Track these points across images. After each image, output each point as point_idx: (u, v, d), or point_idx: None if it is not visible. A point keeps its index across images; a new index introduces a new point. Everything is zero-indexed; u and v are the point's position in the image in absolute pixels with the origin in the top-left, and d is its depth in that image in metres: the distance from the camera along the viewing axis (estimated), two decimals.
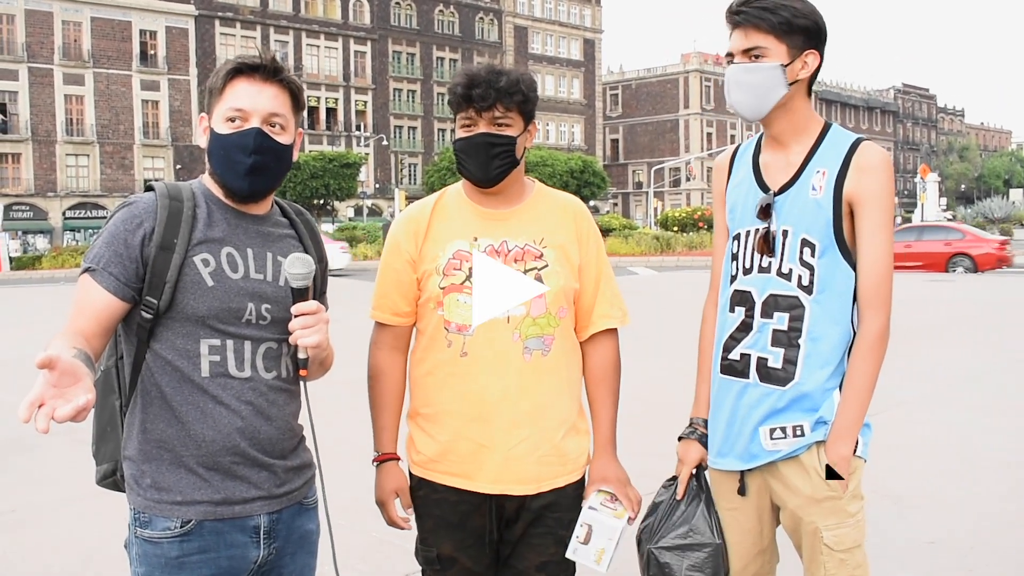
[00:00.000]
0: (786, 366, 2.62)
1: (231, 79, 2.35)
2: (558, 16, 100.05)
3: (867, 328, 2.59)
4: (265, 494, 2.37)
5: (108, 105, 70.54)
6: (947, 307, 18.06)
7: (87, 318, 2.21)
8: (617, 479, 2.85)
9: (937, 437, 7.65)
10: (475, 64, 2.85)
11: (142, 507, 2.30)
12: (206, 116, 2.39)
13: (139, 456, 2.32)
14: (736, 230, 2.77)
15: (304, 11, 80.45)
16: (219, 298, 2.30)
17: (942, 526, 5.57)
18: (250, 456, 2.34)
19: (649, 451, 2.82)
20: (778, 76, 2.60)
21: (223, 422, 2.30)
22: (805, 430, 2.61)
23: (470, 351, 2.71)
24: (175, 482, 2.29)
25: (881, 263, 2.58)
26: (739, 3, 2.63)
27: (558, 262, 2.76)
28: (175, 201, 2.31)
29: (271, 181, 2.40)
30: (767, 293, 2.66)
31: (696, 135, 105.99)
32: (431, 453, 2.78)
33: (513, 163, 2.73)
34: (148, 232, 2.26)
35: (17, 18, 67.05)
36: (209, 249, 2.31)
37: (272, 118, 2.35)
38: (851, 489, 2.60)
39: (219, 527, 2.30)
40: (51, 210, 68.00)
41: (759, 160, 2.76)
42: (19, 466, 7.39)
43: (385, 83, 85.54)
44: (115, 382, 2.39)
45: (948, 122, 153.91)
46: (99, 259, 2.25)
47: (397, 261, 2.81)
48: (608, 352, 2.90)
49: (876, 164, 2.59)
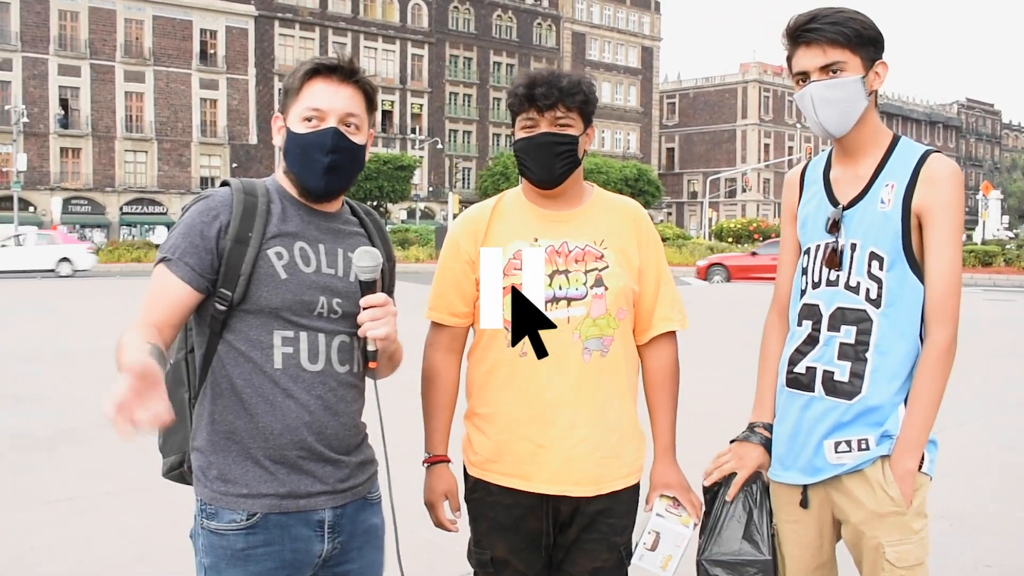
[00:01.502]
0: (853, 380, 2.60)
1: (308, 79, 2.39)
2: (616, 23, 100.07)
3: (933, 342, 2.56)
4: (330, 489, 2.40)
5: (167, 103, 71.69)
6: (1010, 327, 17.75)
7: (162, 308, 2.26)
8: (680, 484, 2.84)
9: (998, 458, 7.52)
10: (533, 69, 2.85)
11: (209, 499, 2.33)
12: (281, 116, 2.44)
13: (207, 447, 2.35)
14: (807, 244, 2.75)
15: (363, 13, 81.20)
16: (292, 290, 2.33)
17: (1000, 550, 5.44)
18: (316, 451, 2.37)
19: (697, 461, 2.80)
20: (859, 89, 2.59)
21: (291, 415, 2.33)
22: (870, 444, 2.58)
23: (530, 351, 2.70)
24: (241, 474, 2.32)
25: (949, 276, 2.54)
26: (805, 21, 2.62)
27: (618, 263, 2.75)
28: (250, 196, 2.36)
29: (346, 180, 2.45)
30: (835, 306, 2.64)
31: (753, 146, 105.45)
32: (488, 453, 2.78)
33: (575, 163, 2.73)
34: (224, 225, 2.31)
35: (81, 15, 68.38)
36: (282, 243, 2.36)
37: (348, 118, 2.40)
38: (915, 505, 2.56)
39: (284, 520, 2.33)
40: (108, 205, 69.20)
41: (830, 175, 2.75)
42: (73, 457, 7.48)
43: (441, 87, 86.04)
44: (184, 375, 2.43)
45: (1012, 138, 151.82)
46: (175, 249, 2.29)
47: (456, 262, 2.81)
48: (668, 356, 2.87)
49: (945, 176, 2.57)
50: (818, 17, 2.60)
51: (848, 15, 2.59)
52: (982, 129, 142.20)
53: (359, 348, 2.45)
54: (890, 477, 2.56)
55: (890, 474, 2.56)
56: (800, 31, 2.62)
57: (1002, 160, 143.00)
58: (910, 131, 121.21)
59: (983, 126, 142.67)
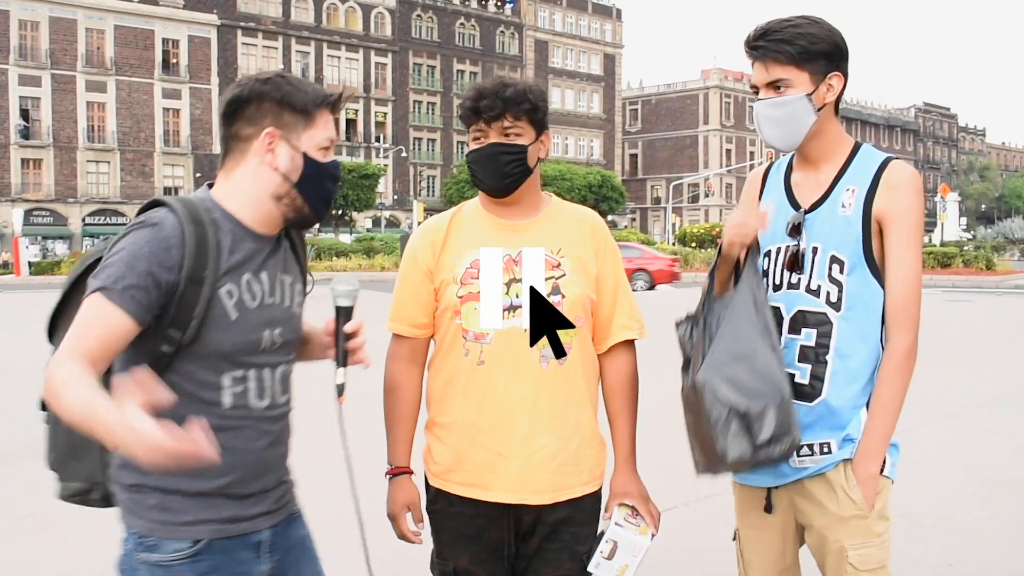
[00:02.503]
0: (813, 382, 2.62)
1: (322, 108, 2.32)
2: (579, 31, 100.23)
3: (894, 347, 2.58)
4: (266, 509, 2.36)
5: (129, 113, 71.06)
6: (969, 328, 17.95)
7: (99, 341, 2.06)
8: (639, 494, 2.85)
9: (958, 459, 7.60)
10: (493, 78, 2.89)
11: (147, 530, 2.21)
12: (279, 133, 2.27)
13: (139, 480, 2.21)
14: (767, 247, 2.76)
15: (326, 22, 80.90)
16: (241, 331, 2.25)
17: (961, 549, 5.51)
18: (260, 483, 2.34)
19: (667, 468, 2.80)
20: (805, 105, 2.61)
21: (240, 454, 2.27)
22: (832, 447, 2.60)
23: (487, 359, 2.71)
24: (182, 502, 2.22)
25: (909, 281, 2.57)
26: (755, 36, 2.64)
27: (575, 272, 2.77)
28: (199, 227, 2.18)
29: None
30: (795, 309, 2.67)
31: (715, 151, 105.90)
32: (448, 463, 2.78)
33: (526, 172, 2.75)
34: (177, 261, 2.13)
35: (41, 25, 67.65)
36: (232, 279, 2.23)
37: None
38: (877, 509, 2.59)
39: (227, 545, 2.26)
40: (71, 216, 68.44)
41: (791, 179, 2.77)
42: (35, 471, 7.38)
43: (405, 95, 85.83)
44: None
45: (969, 141, 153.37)
46: (118, 279, 2.08)
47: (415, 272, 2.82)
48: (627, 364, 2.89)
49: (905, 182, 2.60)
50: (767, 33, 2.62)
51: (798, 31, 2.60)
52: (939, 132, 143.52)
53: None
54: (852, 481, 2.58)
55: (852, 478, 2.58)
56: (751, 46, 2.65)
57: (959, 163, 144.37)
58: (869, 135, 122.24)
59: (940, 129, 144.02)
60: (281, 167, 2.27)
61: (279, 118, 2.26)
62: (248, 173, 2.28)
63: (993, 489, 6.78)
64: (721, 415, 2.54)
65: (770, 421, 2.51)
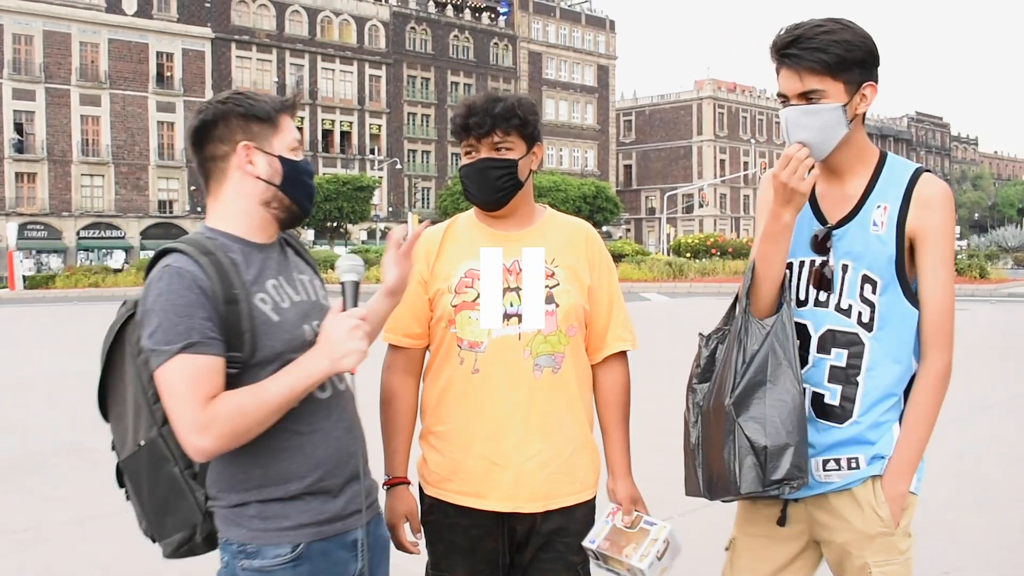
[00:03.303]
0: (844, 403, 2.55)
1: (282, 113, 2.42)
2: (572, 42, 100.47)
3: (931, 365, 2.54)
4: (359, 507, 2.42)
5: (124, 126, 71.05)
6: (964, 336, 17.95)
7: (209, 392, 2.16)
8: (641, 500, 2.88)
9: (952, 467, 7.60)
10: (488, 91, 2.90)
11: (248, 539, 2.29)
12: (252, 144, 2.36)
13: (236, 495, 2.31)
14: (788, 259, 2.64)
15: (320, 35, 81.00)
16: (287, 330, 2.33)
17: (958, 557, 5.51)
18: (346, 474, 2.40)
19: (661, 478, 2.80)
20: (839, 116, 2.49)
21: (320, 447, 2.35)
22: (860, 463, 2.54)
23: (482, 368, 2.73)
24: (280, 509, 2.30)
25: (944, 300, 2.53)
26: (785, 42, 2.49)
27: (569, 281, 2.79)
28: (211, 255, 2.27)
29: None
30: (824, 328, 2.58)
31: (709, 162, 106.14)
32: (444, 471, 2.80)
33: (516, 185, 2.77)
34: (209, 292, 2.21)
35: (35, 39, 67.65)
36: (259, 287, 2.33)
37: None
38: (903, 526, 2.54)
39: (325, 547, 2.34)
40: (65, 230, 68.35)
41: (815, 190, 2.64)
42: (29, 485, 7.40)
43: (399, 107, 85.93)
44: (166, 449, 2.31)
45: (962, 151, 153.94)
46: (190, 331, 2.16)
47: (410, 283, 2.81)
48: (621, 375, 2.92)
49: (938, 199, 2.52)
50: (799, 40, 2.47)
51: (832, 37, 2.45)
52: (932, 142, 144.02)
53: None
54: (881, 498, 2.52)
55: (881, 494, 2.52)
56: (780, 53, 2.51)
57: (952, 172, 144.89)
58: None
59: (933, 139, 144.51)
60: (263, 174, 2.37)
61: (248, 131, 2.36)
62: (234, 188, 2.38)
63: (989, 497, 6.80)
64: (741, 447, 2.49)
65: (785, 463, 2.47)
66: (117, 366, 2.37)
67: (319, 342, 2.24)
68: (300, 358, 2.24)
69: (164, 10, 72.91)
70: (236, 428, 2.15)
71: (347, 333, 2.19)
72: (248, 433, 2.18)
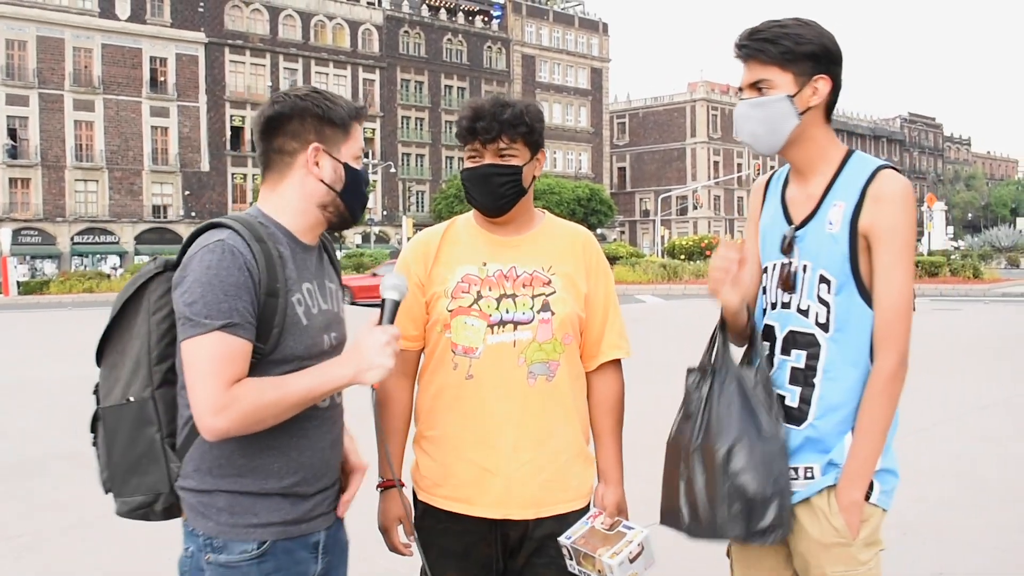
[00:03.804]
0: (801, 405, 2.55)
1: (355, 120, 2.45)
2: (565, 45, 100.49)
3: (879, 368, 2.47)
4: (325, 511, 2.45)
5: (117, 131, 70.95)
6: (958, 336, 18.01)
7: (236, 373, 2.19)
8: (626, 511, 2.86)
9: (947, 467, 7.62)
10: (483, 96, 2.88)
11: (215, 532, 2.30)
12: (322, 148, 2.38)
13: (209, 482, 2.31)
14: (765, 263, 2.69)
15: (313, 39, 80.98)
16: (311, 335, 2.36)
17: (952, 557, 5.53)
18: (321, 484, 2.43)
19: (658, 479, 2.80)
20: (786, 107, 2.51)
21: (306, 454, 2.37)
22: (815, 473, 2.53)
23: (476, 374, 2.73)
24: (250, 505, 2.31)
25: (897, 300, 2.45)
26: (742, 37, 2.57)
27: (565, 289, 2.78)
28: (263, 243, 2.29)
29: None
30: (787, 329, 2.59)
31: (703, 163, 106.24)
32: (435, 477, 2.80)
33: (520, 192, 2.76)
34: (256, 279, 2.24)
35: (29, 44, 67.55)
36: (297, 288, 2.35)
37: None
38: (864, 536, 2.50)
39: (289, 546, 2.35)
40: (59, 235, 68.24)
41: (786, 192, 2.68)
42: (23, 491, 7.38)
43: (393, 111, 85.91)
44: (153, 413, 2.33)
45: (954, 151, 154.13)
46: (232, 312, 2.19)
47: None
48: (615, 383, 2.91)
49: (891, 194, 2.47)
50: (753, 33, 2.54)
51: (785, 31, 2.50)
52: (925, 142, 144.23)
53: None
54: (835, 507, 2.48)
55: (835, 504, 2.49)
56: (736, 46, 2.57)
57: (945, 172, 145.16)
58: (855, 146, 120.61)
59: (926, 139, 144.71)
60: (327, 178, 2.40)
61: (321, 133, 2.39)
62: (295, 185, 2.40)
63: (983, 497, 6.80)
64: (730, 493, 2.50)
65: (771, 512, 2.48)
66: (128, 318, 2.38)
67: (349, 350, 2.27)
68: (326, 362, 2.27)
69: (157, 15, 72.87)
70: (252, 416, 2.18)
71: (379, 348, 2.22)
72: (262, 423, 2.21)
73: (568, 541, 2.72)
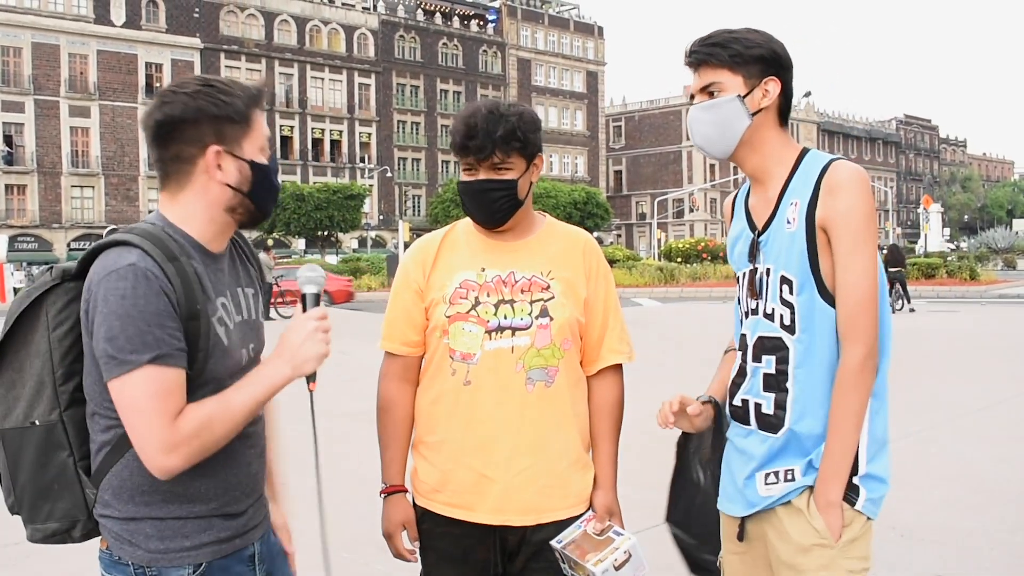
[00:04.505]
0: (777, 411, 2.51)
1: (254, 109, 2.25)
2: (561, 49, 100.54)
3: (845, 361, 2.41)
4: (257, 522, 2.37)
5: (113, 137, 70.92)
6: (955, 338, 18.03)
7: (177, 405, 2.06)
8: (619, 515, 2.85)
9: (945, 469, 7.62)
10: (478, 102, 2.84)
11: (146, 561, 2.17)
12: (221, 147, 2.18)
13: (134, 509, 2.18)
14: (737, 273, 2.69)
15: (309, 44, 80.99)
16: (231, 355, 2.23)
17: (949, 559, 5.52)
18: (251, 498, 2.35)
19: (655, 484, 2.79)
20: (737, 107, 2.51)
21: (233, 473, 2.27)
22: (796, 474, 2.49)
23: (474, 380, 2.72)
24: (180, 528, 2.19)
25: (859, 290, 2.39)
26: (693, 44, 2.58)
27: (564, 294, 2.77)
28: (176, 262, 2.10)
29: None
30: (756, 336, 2.56)
31: (699, 166, 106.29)
32: (434, 482, 2.78)
33: (515, 205, 2.74)
34: (175, 302, 2.07)
35: (24, 51, 67.54)
36: (214, 307, 2.20)
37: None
38: (845, 540, 2.44)
39: (225, 563, 2.26)
40: (56, 241, 68.18)
41: (748, 201, 2.67)
42: None
43: (389, 115, 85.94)
44: (63, 437, 2.19)
45: (950, 152, 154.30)
46: (160, 343, 2.03)
47: (406, 291, 2.83)
48: (615, 387, 2.89)
49: (844, 181, 2.41)
50: (703, 40, 2.56)
51: (734, 36, 2.53)
52: (920, 144, 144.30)
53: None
54: (813, 508, 2.44)
55: (813, 504, 2.45)
56: (686, 57, 2.59)
57: (941, 174, 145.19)
58: (851, 148, 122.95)
59: (921, 141, 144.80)
60: (232, 181, 2.20)
61: (220, 133, 2.18)
62: (198, 193, 2.21)
63: (982, 498, 6.80)
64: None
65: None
66: (24, 333, 2.18)
67: (279, 347, 2.18)
68: (259, 366, 2.19)
69: (153, 20, 72.90)
70: (204, 444, 2.08)
71: (308, 336, 2.16)
72: (213, 448, 2.11)
73: (559, 545, 2.71)
